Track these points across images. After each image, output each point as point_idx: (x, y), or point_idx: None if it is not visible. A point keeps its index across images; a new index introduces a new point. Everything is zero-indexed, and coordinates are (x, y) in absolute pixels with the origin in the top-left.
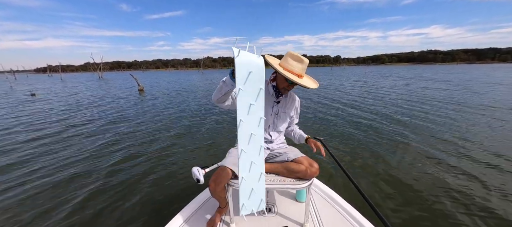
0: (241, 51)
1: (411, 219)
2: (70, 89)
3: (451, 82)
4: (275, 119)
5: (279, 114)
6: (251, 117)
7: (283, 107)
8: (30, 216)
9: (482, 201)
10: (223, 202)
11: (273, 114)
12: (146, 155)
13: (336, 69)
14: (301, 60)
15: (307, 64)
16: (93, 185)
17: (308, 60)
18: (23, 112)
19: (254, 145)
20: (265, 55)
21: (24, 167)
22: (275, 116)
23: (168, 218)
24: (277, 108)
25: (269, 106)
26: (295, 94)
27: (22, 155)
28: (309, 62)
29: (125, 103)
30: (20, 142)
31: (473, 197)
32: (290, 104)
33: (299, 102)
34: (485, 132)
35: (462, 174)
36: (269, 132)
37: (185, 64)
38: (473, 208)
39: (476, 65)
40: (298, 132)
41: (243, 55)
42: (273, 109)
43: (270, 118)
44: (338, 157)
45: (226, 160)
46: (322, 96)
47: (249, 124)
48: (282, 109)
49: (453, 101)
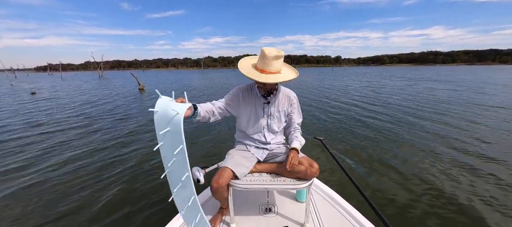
0: (160, 100)
1: (411, 219)
2: (73, 88)
3: (457, 83)
4: (268, 120)
5: (272, 114)
6: (174, 168)
7: (276, 106)
8: (25, 211)
9: (485, 203)
10: (224, 202)
11: (266, 116)
12: (146, 154)
13: (337, 70)
14: (263, 56)
15: (275, 58)
16: (93, 185)
17: (275, 53)
18: (25, 111)
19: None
20: (242, 59)
21: (24, 166)
22: (268, 117)
23: (168, 218)
24: (268, 109)
25: (260, 109)
26: (290, 90)
27: (24, 154)
28: (310, 63)
29: (125, 103)
30: (23, 138)
31: (479, 197)
32: (283, 101)
33: (296, 97)
34: (494, 130)
35: (468, 172)
36: (264, 133)
37: (186, 63)
38: (477, 208)
39: (477, 67)
40: (292, 138)
41: (161, 108)
42: (265, 110)
43: (263, 120)
44: (338, 157)
45: (227, 161)
46: (323, 96)
47: (173, 173)
48: (274, 109)
49: (449, 101)
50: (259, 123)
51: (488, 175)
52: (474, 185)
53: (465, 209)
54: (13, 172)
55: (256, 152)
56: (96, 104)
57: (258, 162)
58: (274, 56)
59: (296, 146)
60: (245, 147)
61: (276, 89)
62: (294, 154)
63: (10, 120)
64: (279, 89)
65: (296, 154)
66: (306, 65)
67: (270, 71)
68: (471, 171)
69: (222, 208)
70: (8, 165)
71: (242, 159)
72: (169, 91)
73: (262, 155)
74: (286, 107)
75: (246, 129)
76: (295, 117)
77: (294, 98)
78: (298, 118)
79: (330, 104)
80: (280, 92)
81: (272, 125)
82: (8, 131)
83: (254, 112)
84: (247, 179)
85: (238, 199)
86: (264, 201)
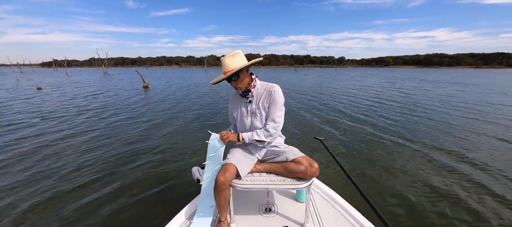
0: (213, 135)
1: (411, 219)
2: (78, 84)
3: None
4: (252, 118)
5: (254, 112)
6: (209, 180)
7: (257, 103)
8: (23, 209)
9: (484, 208)
10: (223, 209)
11: (249, 114)
12: (146, 154)
13: (341, 71)
14: (222, 63)
15: (229, 56)
16: (92, 184)
17: (228, 54)
18: (35, 106)
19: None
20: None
21: (26, 162)
22: (251, 115)
23: (168, 218)
24: (251, 107)
25: (245, 109)
26: (273, 84)
27: (24, 151)
28: (313, 63)
29: (129, 100)
30: (25, 136)
31: (477, 203)
32: (264, 97)
33: (279, 89)
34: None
35: (467, 178)
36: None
37: (189, 61)
38: (478, 208)
39: (488, 70)
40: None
41: (213, 142)
42: (248, 109)
43: (247, 119)
44: (338, 157)
45: (230, 158)
46: (323, 96)
47: (207, 183)
48: (255, 106)
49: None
50: (244, 122)
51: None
52: (475, 186)
53: (469, 211)
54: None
55: (254, 150)
56: (100, 100)
57: (258, 161)
58: (228, 55)
59: (244, 136)
60: (244, 145)
61: (254, 86)
62: (233, 136)
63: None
64: (257, 85)
65: (235, 136)
66: (310, 66)
67: (228, 70)
68: (473, 175)
69: (221, 221)
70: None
71: (243, 156)
72: (174, 90)
73: (260, 154)
74: (266, 102)
75: (239, 129)
76: (271, 109)
77: (274, 91)
78: (273, 109)
79: (330, 104)
80: (259, 88)
81: (254, 122)
82: (14, 128)
83: (240, 113)
84: (247, 179)
85: (238, 199)
86: (264, 201)
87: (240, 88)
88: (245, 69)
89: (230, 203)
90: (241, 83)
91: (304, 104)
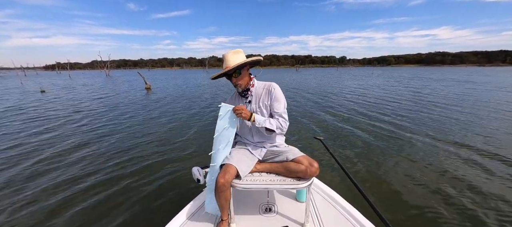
0: (225, 107)
1: (411, 219)
2: (82, 87)
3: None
4: None
5: (255, 111)
6: (219, 152)
7: (257, 102)
8: (21, 207)
9: (484, 206)
10: (225, 209)
11: None
12: (147, 155)
13: (343, 70)
14: (223, 58)
15: (231, 54)
16: (92, 184)
17: (231, 51)
18: (41, 107)
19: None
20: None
21: (27, 161)
22: None
23: (168, 218)
24: (251, 107)
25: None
26: (271, 82)
27: (26, 149)
28: (315, 63)
29: (131, 102)
30: (29, 137)
31: (475, 201)
32: (264, 95)
33: (277, 87)
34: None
35: (468, 169)
36: (252, 132)
37: (190, 63)
38: (477, 209)
39: (489, 68)
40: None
41: (224, 114)
42: (248, 109)
43: None
44: (338, 157)
45: (230, 158)
46: (324, 96)
47: (216, 156)
48: (256, 106)
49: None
50: (244, 122)
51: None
52: (476, 186)
53: (467, 211)
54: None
55: (254, 151)
56: (104, 102)
57: (258, 161)
58: (230, 52)
59: (256, 118)
60: (244, 145)
61: (252, 85)
62: (247, 114)
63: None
64: (255, 84)
65: (248, 115)
66: (311, 66)
67: (230, 65)
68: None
69: (222, 220)
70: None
71: (243, 157)
72: (175, 93)
73: (260, 154)
74: (266, 100)
75: (239, 130)
76: (275, 105)
77: (273, 88)
78: (279, 106)
79: (330, 104)
80: (257, 87)
81: None
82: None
83: None
84: (247, 179)
85: (238, 199)
86: (264, 201)
87: (240, 86)
88: (246, 67)
89: (231, 203)
90: (241, 80)
91: (304, 104)
